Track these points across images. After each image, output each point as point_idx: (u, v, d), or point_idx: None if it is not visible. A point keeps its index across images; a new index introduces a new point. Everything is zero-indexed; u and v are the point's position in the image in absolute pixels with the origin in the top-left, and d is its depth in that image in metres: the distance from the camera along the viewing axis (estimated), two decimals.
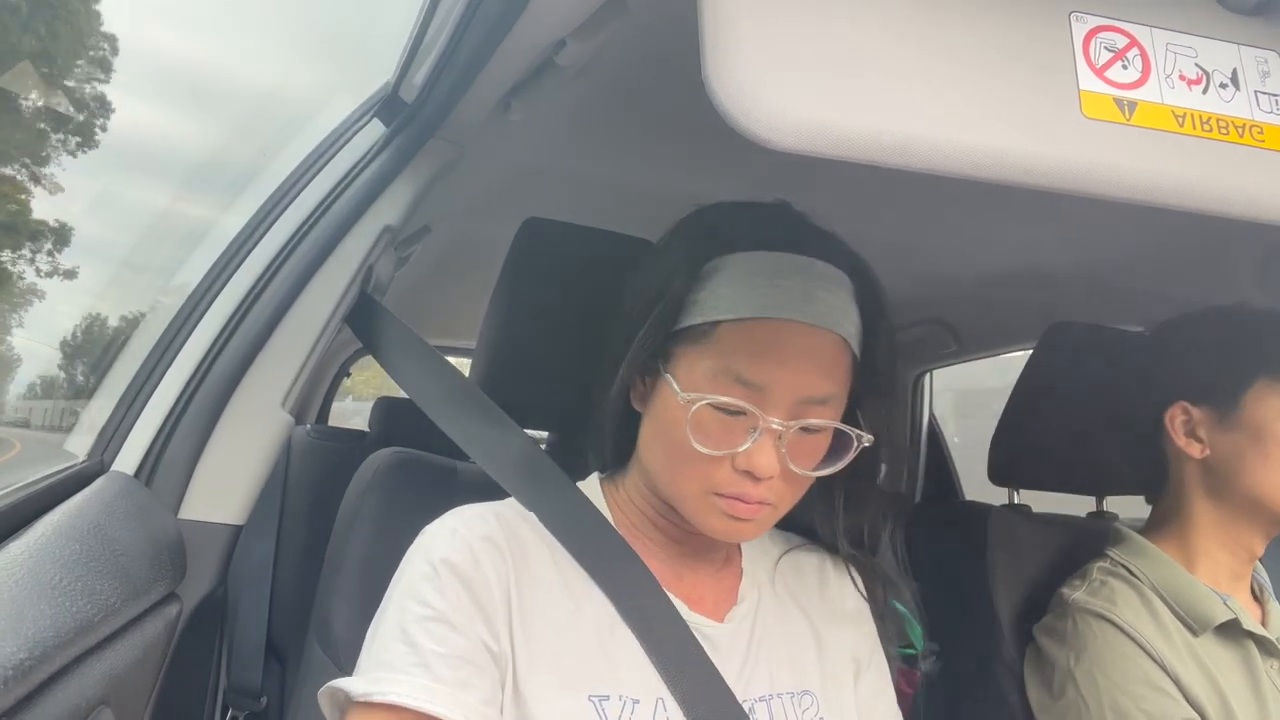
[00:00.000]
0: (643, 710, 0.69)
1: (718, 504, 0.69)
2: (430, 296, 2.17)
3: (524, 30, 0.78)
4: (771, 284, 0.69)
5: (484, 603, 0.68)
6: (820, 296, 0.69)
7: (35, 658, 0.53)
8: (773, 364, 0.67)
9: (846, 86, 0.51)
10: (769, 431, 0.67)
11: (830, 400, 0.70)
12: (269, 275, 0.95)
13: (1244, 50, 0.60)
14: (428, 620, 0.66)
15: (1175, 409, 1.09)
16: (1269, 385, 1.04)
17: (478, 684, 0.65)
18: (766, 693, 0.75)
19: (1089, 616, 1.03)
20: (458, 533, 0.71)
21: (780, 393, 0.67)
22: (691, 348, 0.70)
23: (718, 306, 0.69)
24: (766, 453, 0.67)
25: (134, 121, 6.00)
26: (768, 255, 0.70)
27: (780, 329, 0.68)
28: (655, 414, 0.73)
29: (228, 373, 0.90)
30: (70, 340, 2.02)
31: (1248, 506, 1.04)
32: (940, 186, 1.09)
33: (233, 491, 0.89)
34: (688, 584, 0.78)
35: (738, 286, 0.69)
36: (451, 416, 0.88)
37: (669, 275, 0.72)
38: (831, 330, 0.69)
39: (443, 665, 0.64)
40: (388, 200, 1.02)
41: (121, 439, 0.87)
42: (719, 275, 0.70)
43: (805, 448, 0.70)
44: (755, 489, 0.68)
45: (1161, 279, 1.37)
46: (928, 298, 1.77)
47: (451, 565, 0.68)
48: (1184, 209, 0.56)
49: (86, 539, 0.68)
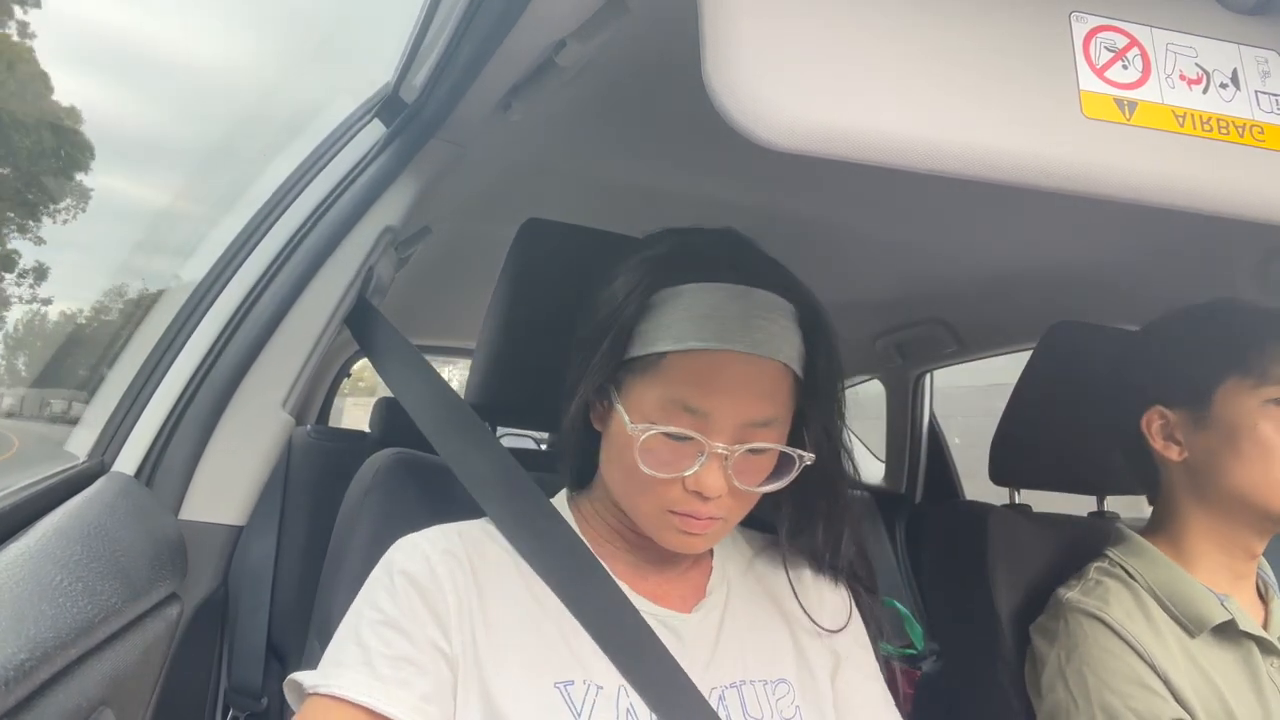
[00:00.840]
0: (606, 695, 0.73)
1: (672, 520, 0.74)
2: (430, 297, 2.17)
3: (524, 31, 0.78)
4: (712, 316, 0.73)
5: (437, 608, 0.72)
6: (760, 324, 0.73)
7: (36, 658, 0.53)
8: (716, 392, 0.71)
9: (846, 87, 0.51)
10: (715, 455, 0.71)
11: (773, 423, 0.74)
12: (269, 276, 0.95)
13: (1244, 50, 0.60)
14: (378, 624, 0.71)
15: (1152, 413, 1.10)
16: (1238, 384, 1.03)
17: (417, 683, 0.69)
18: (738, 679, 0.78)
19: (1080, 615, 1.03)
20: (418, 546, 0.76)
21: (724, 419, 0.71)
22: (640, 377, 0.74)
23: (663, 338, 0.73)
24: (714, 474, 0.72)
25: (133, 123, 6.01)
26: (710, 286, 0.74)
27: (722, 359, 0.72)
28: (611, 437, 0.78)
29: (228, 373, 0.90)
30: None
31: (1233, 506, 1.04)
32: (940, 187, 1.10)
33: (233, 492, 0.89)
34: (653, 583, 0.82)
35: (681, 318, 0.73)
36: (436, 425, 0.89)
37: (621, 305, 0.76)
38: (771, 358, 0.73)
39: (385, 665, 0.69)
40: (388, 201, 1.02)
41: (122, 440, 0.87)
42: (664, 306, 0.74)
43: (750, 466, 0.74)
44: (705, 506, 0.73)
45: (1162, 279, 1.37)
46: (928, 298, 1.77)
47: (408, 574, 0.73)
48: (1184, 209, 0.56)
49: (87, 540, 0.68)
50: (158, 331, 0.98)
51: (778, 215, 1.32)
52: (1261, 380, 1.02)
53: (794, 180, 1.20)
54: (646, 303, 0.75)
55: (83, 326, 3.79)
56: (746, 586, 0.86)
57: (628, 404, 0.74)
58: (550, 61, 0.85)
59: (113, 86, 24.57)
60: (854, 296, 1.83)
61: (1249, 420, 1.02)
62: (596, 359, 0.76)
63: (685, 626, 0.79)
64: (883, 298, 1.81)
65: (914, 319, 1.92)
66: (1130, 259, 1.33)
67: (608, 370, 0.76)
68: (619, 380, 0.76)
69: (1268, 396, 1.02)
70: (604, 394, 0.77)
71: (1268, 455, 1.01)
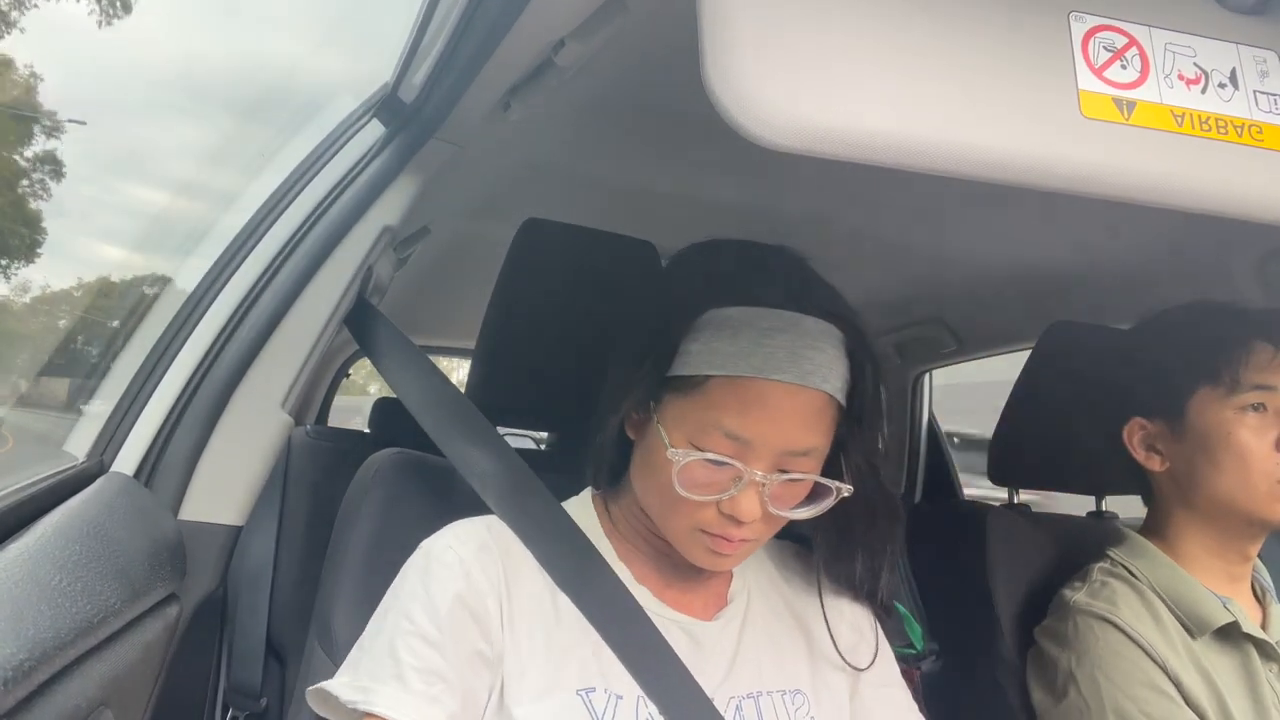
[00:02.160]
0: (626, 705, 0.73)
1: (703, 540, 0.73)
2: (430, 297, 2.17)
3: (523, 30, 0.78)
4: (760, 343, 0.71)
5: (477, 610, 0.72)
6: (808, 355, 0.72)
7: (35, 659, 0.53)
8: (759, 421, 0.70)
9: (846, 87, 0.51)
10: (753, 482, 0.70)
11: (812, 452, 0.73)
12: (269, 276, 0.95)
13: (1243, 50, 0.60)
14: (411, 635, 0.70)
15: (1133, 424, 1.09)
16: (1210, 393, 1.03)
17: (447, 701, 0.69)
18: (755, 690, 0.78)
19: (1090, 618, 1.03)
20: (452, 548, 0.75)
21: (764, 447, 0.71)
22: (683, 397, 0.73)
23: (709, 362, 0.72)
24: (750, 501, 0.71)
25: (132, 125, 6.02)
26: (760, 311, 0.73)
27: (768, 388, 0.70)
28: (646, 453, 0.77)
29: (227, 373, 0.90)
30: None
31: (1219, 513, 1.03)
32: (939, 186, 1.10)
33: (232, 492, 0.89)
34: (677, 589, 0.81)
35: (728, 343, 0.72)
36: (439, 425, 0.89)
37: (666, 320, 0.75)
38: (818, 389, 0.72)
39: (417, 679, 0.68)
40: (387, 201, 1.02)
41: (121, 440, 0.87)
42: (711, 329, 0.73)
43: (786, 493, 0.74)
44: (738, 530, 0.72)
45: (1160, 278, 1.36)
46: (927, 297, 1.77)
47: (449, 590, 0.72)
48: (1183, 209, 0.56)
49: (86, 540, 0.68)
50: (157, 331, 0.97)
51: (776, 215, 1.32)
52: (1233, 388, 1.01)
53: (792, 180, 1.20)
54: (693, 323, 0.73)
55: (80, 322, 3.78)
56: (768, 597, 0.85)
57: (666, 423, 0.73)
58: (549, 61, 0.84)
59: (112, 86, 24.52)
60: (852, 296, 1.81)
61: (1223, 429, 1.01)
62: (640, 374, 0.75)
63: (706, 634, 0.79)
64: (881, 297, 1.81)
65: (912, 319, 1.92)
66: (1128, 259, 1.33)
67: (651, 387, 0.75)
68: (659, 396, 0.75)
69: (1241, 404, 1.01)
70: (643, 408, 0.76)
71: (1245, 462, 1.00)
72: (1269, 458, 0.99)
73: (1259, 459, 0.99)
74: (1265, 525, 1.02)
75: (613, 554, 0.81)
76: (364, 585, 0.84)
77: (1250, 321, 1.05)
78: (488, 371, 0.99)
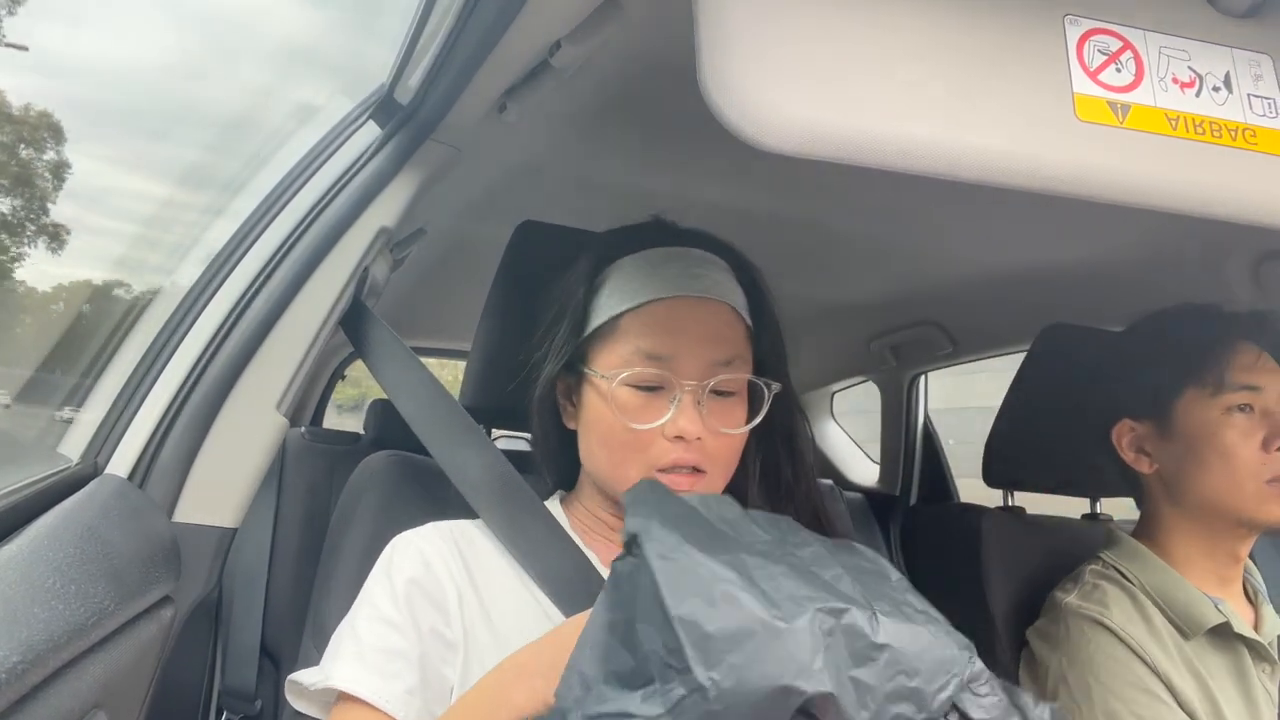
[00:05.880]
0: None
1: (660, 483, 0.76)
2: (425, 299, 2.16)
3: (519, 32, 0.78)
4: (657, 271, 0.79)
5: (433, 594, 0.76)
6: (701, 273, 0.80)
7: (29, 661, 0.53)
8: (672, 334, 0.77)
9: (841, 89, 0.51)
10: (686, 395, 0.76)
11: (734, 361, 0.79)
12: (264, 277, 0.95)
13: (1237, 54, 0.60)
14: (373, 620, 0.75)
15: (1121, 426, 1.10)
16: (1196, 395, 1.03)
17: (407, 676, 0.72)
18: None
19: (1081, 620, 1.03)
20: (413, 543, 0.80)
21: (687, 360, 0.77)
22: (603, 344, 0.80)
23: (617, 303, 0.79)
24: (688, 414, 0.76)
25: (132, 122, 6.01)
26: (649, 252, 0.82)
27: (674, 305, 0.78)
28: (586, 419, 0.81)
29: (222, 375, 0.90)
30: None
31: (1208, 514, 1.04)
32: (935, 189, 1.10)
33: (227, 494, 0.88)
34: None
35: (629, 281, 0.80)
36: (430, 428, 0.90)
37: (569, 293, 0.83)
38: (721, 300, 0.79)
39: (376, 656, 0.72)
40: (383, 202, 1.02)
41: (115, 442, 0.87)
42: (611, 279, 0.81)
43: (722, 409, 0.78)
44: (688, 453, 0.76)
45: (1155, 281, 1.37)
46: (923, 300, 1.77)
47: (404, 571, 0.77)
48: (1177, 211, 0.56)
49: (80, 542, 0.68)
50: (151, 333, 0.97)
51: (772, 217, 1.32)
52: (1219, 389, 1.02)
53: (788, 182, 1.20)
54: (593, 284, 0.81)
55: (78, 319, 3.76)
56: None
57: (596, 369, 0.79)
58: (545, 63, 0.85)
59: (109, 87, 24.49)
60: (848, 298, 1.83)
61: (1209, 430, 1.02)
62: (558, 340, 0.81)
63: None
64: (877, 300, 1.81)
65: (908, 321, 1.92)
66: (1123, 261, 1.34)
67: (571, 347, 0.81)
68: (584, 355, 0.81)
69: (1227, 405, 1.01)
70: (573, 387, 0.82)
71: (1232, 463, 1.00)
72: (1255, 458, 1.00)
73: (1245, 459, 1.00)
74: (1253, 526, 1.03)
75: (583, 546, 0.84)
76: (359, 587, 0.84)
77: (1236, 323, 1.05)
78: (483, 374, 0.99)
